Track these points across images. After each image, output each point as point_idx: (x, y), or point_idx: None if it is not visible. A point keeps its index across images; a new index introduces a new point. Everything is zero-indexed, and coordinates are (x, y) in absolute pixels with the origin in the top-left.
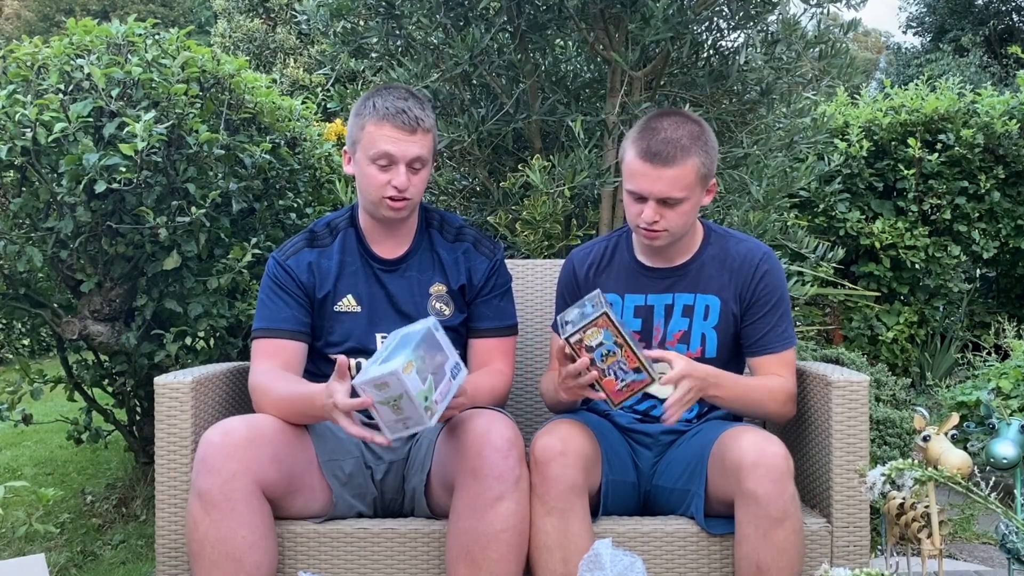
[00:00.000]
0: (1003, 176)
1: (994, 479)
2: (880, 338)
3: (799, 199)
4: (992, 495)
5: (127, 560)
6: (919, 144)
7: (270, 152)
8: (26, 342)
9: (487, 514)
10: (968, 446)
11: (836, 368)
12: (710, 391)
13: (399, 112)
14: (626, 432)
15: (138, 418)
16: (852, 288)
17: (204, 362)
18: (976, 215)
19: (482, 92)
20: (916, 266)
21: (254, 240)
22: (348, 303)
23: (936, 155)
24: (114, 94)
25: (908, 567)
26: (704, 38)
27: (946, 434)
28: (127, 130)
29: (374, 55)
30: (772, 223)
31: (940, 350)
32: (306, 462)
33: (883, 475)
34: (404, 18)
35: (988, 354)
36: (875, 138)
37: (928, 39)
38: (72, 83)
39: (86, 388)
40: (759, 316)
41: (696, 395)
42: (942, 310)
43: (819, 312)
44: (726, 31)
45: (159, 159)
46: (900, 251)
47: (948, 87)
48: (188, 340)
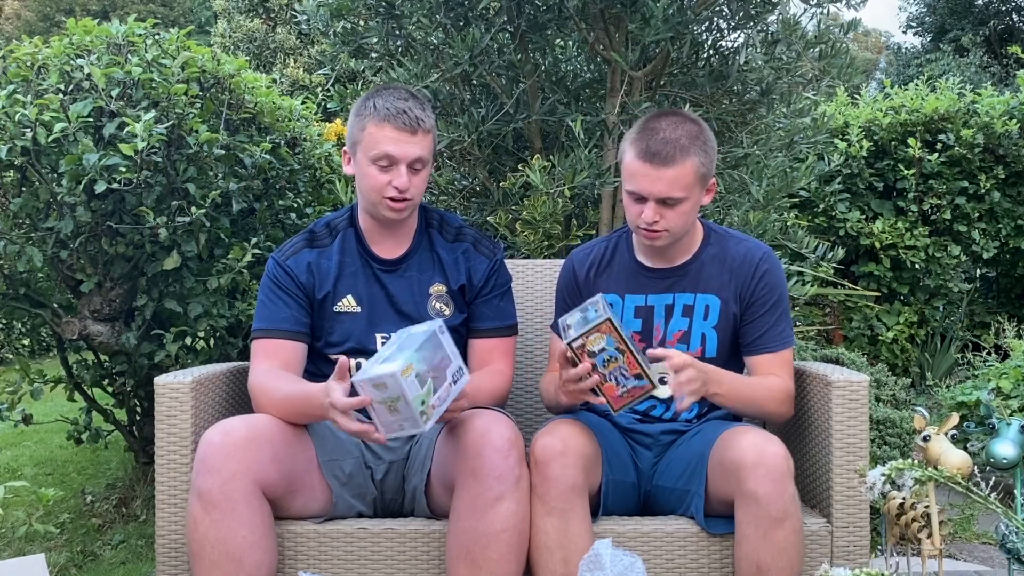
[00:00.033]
0: (1003, 176)
1: (994, 479)
2: (880, 338)
3: (799, 199)
4: (992, 495)
5: (127, 560)
6: (919, 144)
7: (270, 152)
8: (26, 342)
9: (487, 514)
10: (968, 446)
11: (836, 368)
12: (711, 388)
13: (400, 113)
14: (626, 432)
15: (138, 418)
16: (852, 288)
17: (204, 362)
18: (976, 215)
19: (482, 92)
20: (916, 266)
21: (254, 240)
22: (348, 303)
23: (936, 155)
24: (114, 94)
25: (908, 567)
26: (704, 38)
27: (946, 434)
28: (127, 130)
29: (374, 55)
30: (772, 223)
31: (940, 350)
32: (306, 462)
33: (883, 475)
34: (404, 18)
35: (988, 354)
36: (875, 138)
37: (928, 39)
38: (72, 83)
39: (86, 388)
40: (758, 315)
41: (700, 388)
42: (942, 310)
43: (819, 312)
44: (726, 31)
45: (159, 159)
46: (900, 251)
47: (948, 87)
48: (188, 340)
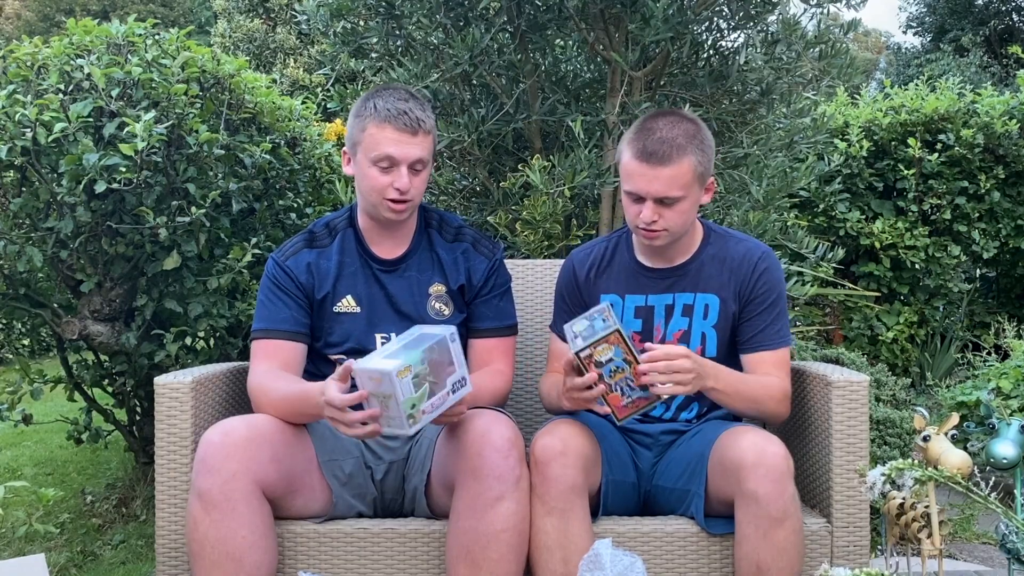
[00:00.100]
0: (1003, 176)
1: (994, 479)
2: (880, 338)
3: (799, 199)
4: (992, 495)
5: (127, 560)
6: (919, 144)
7: (270, 152)
8: (26, 342)
9: (487, 514)
10: (968, 446)
11: (836, 368)
12: (707, 382)
13: (400, 114)
14: (626, 432)
15: (138, 418)
16: (852, 288)
17: (204, 362)
18: (976, 215)
19: (482, 92)
20: (916, 266)
21: (254, 240)
22: (347, 304)
23: (936, 155)
24: (114, 94)
25: (908, 567)
26: (704, 38)
27: (946, 434)
28: (127, 130)
29: (374, 55)
30: (772, 223)
31: (940, 350)
32: (306, 462)
33: (883, 475)
34: (404, 18)
35: (988, 354)
36: (875, 138)
37: (928, 39)
38: (72, 83)
39: (86, 388)
40: (755, 313)
41: (696, 381)
42: (942, 310)
43: (819, 312)
44: (726, 31)
45: (159, 159)
46: (900, 251)
47: (948, 87)
48: (188, 340)
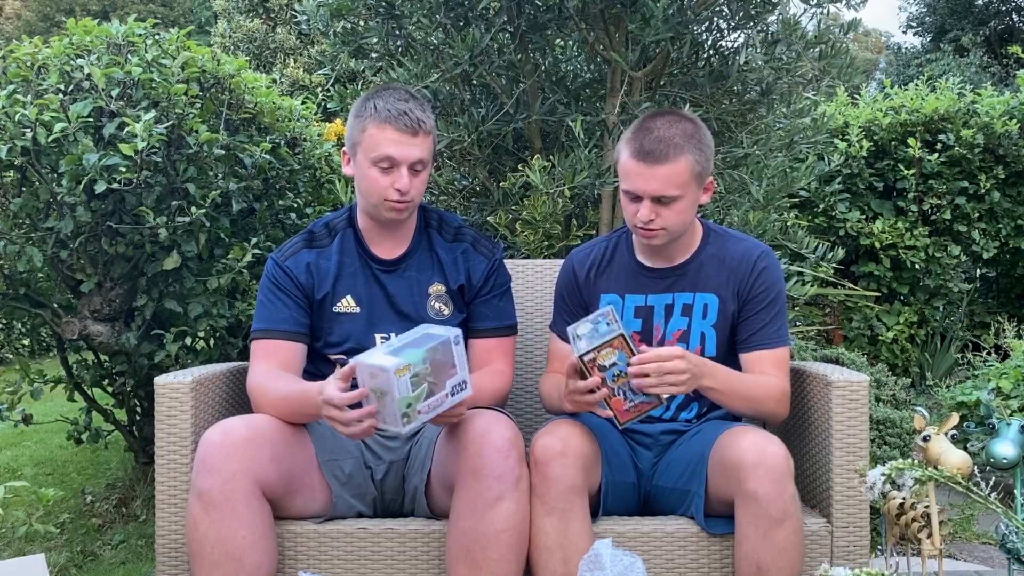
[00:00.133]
0: (1003, 176)
1: (994, 479)
2: (880, 338)
3: (799, 199)
4: (992, 495)
5: (127, 560)
6: (919, 144)
7: (270, 152)
8: (26, 342)
9: (487, 514)
10: (968, 446)
11: (836, 368)
12: (704, 382)
13: (401, 114)
14: (626, 432)
15: (138, 418)
16: (852, 288)
17: (204, 362)
18: (976, 215)
19: (482, 92)
20: (916, 266)
21: (254, 240)
22: (347, 304)
23: (936, 155)
24: (114, 94)
25: (908, 567)
26: (704, 38)
27: (946, 434)
28: (127, 130)
29: (374, 55)
30: (772, 223)
31: (940, 350)
32: (306, 462)
33: (883, 475)
34: (404, 18)
35: (988, 354)
36: (875, 138)
37: (928, 39)
38: (72, 83)
39: (86, 388)
40: (754, 312)
41: (691, 380)
42: (942, 310)
43: (819, 312)
44: (726, 31)
45: (159, 159)
46: (900, 251)
47: (948, 87)
48: (188, 340)
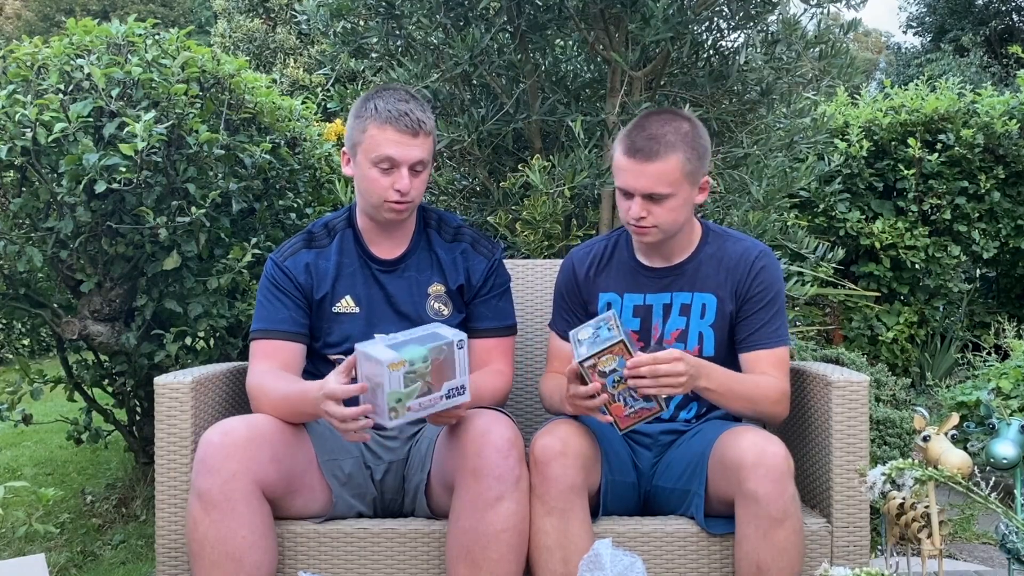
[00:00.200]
0: (1003, 176)
1: (994, 479)
2: (880, 338)
3: (799, 199)
4: (992, 495)
5: (127, 560)
6: (919, 144)
7: (270, 152)
8: (26, 342)
9: (487, 514)
10: (968, 446)
11: (836, 368)
12: (701, 383)
13: (401, 115)
14: (626, 433)
15: (138, 418)
16: (852, 288)
17: (204, 362)
18: (976, 215)
19: (482, 92)
20: (916, 266)
21: (254, 240)
22: (346, 304)
23: (936, 155)
24: (114, 94)
25: (908, 567)
26: (704, 38)
27: (946, 434)
28: (127, 130)
29: (374, 55)
30: (772, 223)
31: (940, 350)
32: (306, 462)
33: (883, 475)
34: (404, 18)
35: (988, 354)
36: (875, 138)
37: (928, 39)
38: (72, 83)
39: (86, 388)
40: (752, 311)
41: (688, 381)
42: (942, 310)
43: (819, 312)
44: (726, 31)
45: (159, 159)
46: (900, 251)
47: (948, 87)
48: (188, 340)
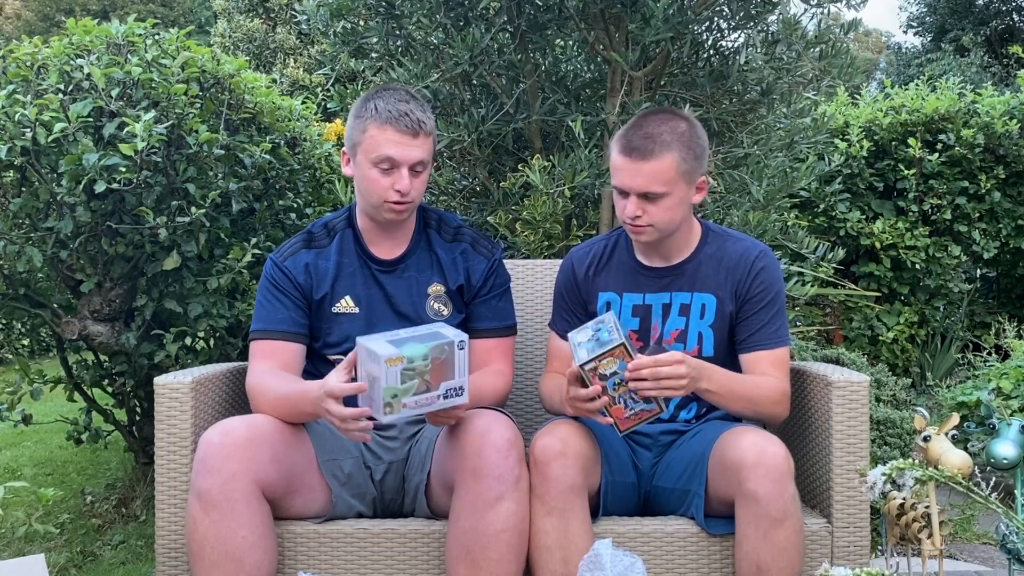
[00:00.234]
0: (1003, 176)
1: (994, 479)
2: (880, 338)
3: (799, 199)
4: (993, 495)
5: (127, 560)
6: (919, 144)
7: (270, 152)
8: (26, 342)
9: (487, 514)
10: (968, 446)
11: (836, 368)
12: (702, 384)
13: (402, 115)
14: None
15: (138, 418)
16: (852, 288)
17: (204, 362)
18: (976, 215)
19: (482, 92)
20: (916, 266)
21: (254, 240)
22: (346, 304)
23: (936, 155)
24: (114, 94)
25: (908, 567)
26: (704, 38)
27: (946, 434)
28: (127, 130)
29: (374, 55)
30: (772, 223)
31: (940, 350)
32: (305, 462)
33: (884, 475)
34: (404, 18)
35: (988, 354)
36: (875, 138)
37: (929, 39)
38: (72, 83)
39: (86, 388)
40: (752, 312)
41: (689, 384)
42: (942, 310)
43: (819, 312)
44: (726, 31)
45: (159, 159)
46: (900, 251)
47: (948, 87)
48: (188, 340)
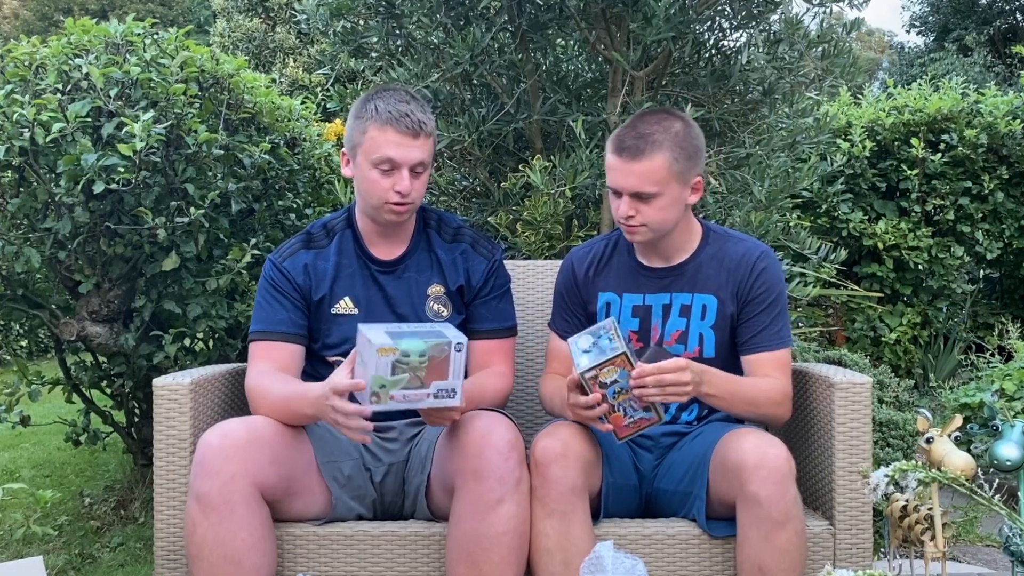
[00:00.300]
0: (1007, 176)
1: (997, 481)
2: (883, 339)
3: (801, 200)
4: (996, 497)
5: (125, 562)
6: (922, 144)
7: (269, 152)
8: (24, 343)
9: (488, 516)
10: (971, 448)
11: (838, 369)
12: (704, 388)
13: (402, 116)
14: None
15: (136, 420)
16: (855, 289)
17: (203, 363)
18: (979, 216)
19: (483, 92)
20: (919, 267)
21: (253, 241)
22: (345, 305)
23: (939, 155)
24: (112, 94)
25: (911, 569)
26: (706, 38)
27: (949, 436)
28: (125, 130)
29: (374, 55)
30: (774, 224)
31: (943, 351)
32: (305, 464)
33: (886, 476)
34: (404, 18)
35: (991, 355)
36: (878, 138)
37: (932, 39)
38: (70, 83)
39: (84, 390)
40: (754, 313)
41: (693, 389)
42: (945, 311)
43: (821, 313)
44: (728, 30)
45: (158, 159)
46: (903, 252)
47: (951, 87)
48: (187, 341)
